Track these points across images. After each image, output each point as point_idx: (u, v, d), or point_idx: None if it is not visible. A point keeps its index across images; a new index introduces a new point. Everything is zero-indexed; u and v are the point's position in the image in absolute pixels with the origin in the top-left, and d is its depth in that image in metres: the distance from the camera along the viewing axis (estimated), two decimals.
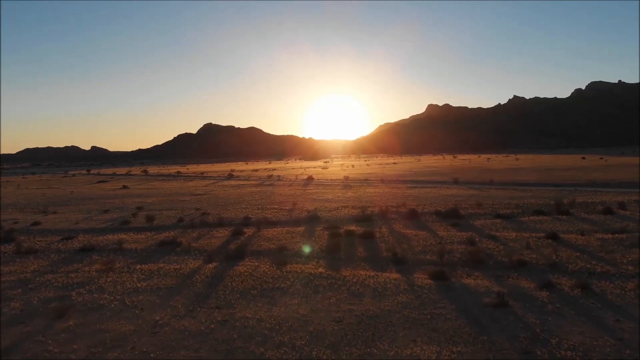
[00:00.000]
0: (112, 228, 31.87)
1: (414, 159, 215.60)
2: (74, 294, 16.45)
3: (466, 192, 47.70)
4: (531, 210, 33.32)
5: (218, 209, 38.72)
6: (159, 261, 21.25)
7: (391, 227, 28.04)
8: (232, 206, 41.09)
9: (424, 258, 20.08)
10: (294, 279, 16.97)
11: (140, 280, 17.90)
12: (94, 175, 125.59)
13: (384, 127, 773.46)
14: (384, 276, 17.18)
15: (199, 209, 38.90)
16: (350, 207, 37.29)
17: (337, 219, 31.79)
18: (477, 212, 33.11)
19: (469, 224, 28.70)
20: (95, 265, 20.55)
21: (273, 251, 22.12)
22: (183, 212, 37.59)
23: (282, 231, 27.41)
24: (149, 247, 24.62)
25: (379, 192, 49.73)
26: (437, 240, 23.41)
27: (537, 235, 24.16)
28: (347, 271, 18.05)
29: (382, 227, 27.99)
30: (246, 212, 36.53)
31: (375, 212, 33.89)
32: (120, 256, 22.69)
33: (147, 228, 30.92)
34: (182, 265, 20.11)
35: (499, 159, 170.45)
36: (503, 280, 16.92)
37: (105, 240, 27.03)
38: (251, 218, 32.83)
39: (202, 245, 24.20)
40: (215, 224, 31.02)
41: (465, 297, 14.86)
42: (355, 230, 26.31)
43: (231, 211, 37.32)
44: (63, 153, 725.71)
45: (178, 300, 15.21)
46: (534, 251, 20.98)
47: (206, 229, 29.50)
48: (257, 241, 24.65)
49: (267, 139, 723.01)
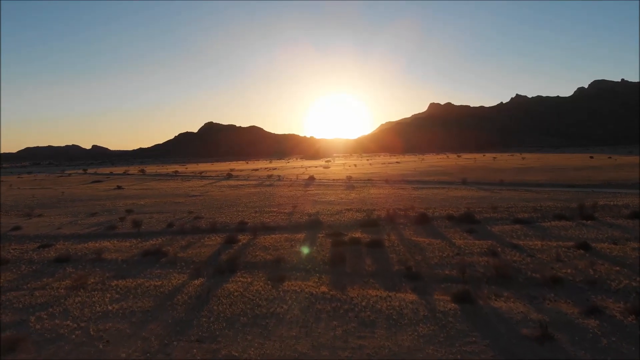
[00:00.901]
0: (95, 234, 29.29)
1: (417, 158, 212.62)
2: (33, 320, 13.89)
3: (477, 193, 45.03)
4: (551, 214, 30.69)
5: (213, 213, 36.12)
6: (139, 275, 18.67)
7: (401, 233, 25.40)
8: (228, 209, 38.49)
9: (442, 273, 17.46)
10: (292, 302, 14.36)
11: (112, 301, 15.32)
12: (90, 175, 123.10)
13: (386, 126, 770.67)
14: (398, 298, 14.57)
15: (192, 212, 36.30)
16: (354, 210, 34.66)
17: (340, 223, 29.17)
18: (493, 216, 30.46)
19: (486, 230, 26.05)
20: (65, 281, 17.96)
21: (269, 263, 19.52)
22: (175, 216, 35.02)
23: (280, 238, 24.79)
24: (131, 257, 22.02)
25: (384, 194, 47.09)
26: (454, 251, 20.77)
27: (565, 245, 21.54)
28: (354, 290, 15.45)
29: (390, 233, 25.35)
30: (242, 215, 33.93)
31: (381, 216, 31.26)
32: (97, 268, 20.12)
33: (133, 234, 28.33)
34: (164, 280, 17.52)
35: (504, 158, 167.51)
36: (539, 302, 14.30)
37: (84, 248, 24.44)
38: (247, 223, 30.22)
39: (191, 256, 21.60)
40: (207, 229, 28.42)
41: (499, 326, 12.24)
42: (362, 238, 23.69)
43: (226, 215, 34.72)
44: (64, 152, 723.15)
45: (152, 330, 12.61)
46: (566, 264, 18.36)
47: (197, 235, 26.88)
48: (252, 251, 22.04)
49: (268, 137, 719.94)
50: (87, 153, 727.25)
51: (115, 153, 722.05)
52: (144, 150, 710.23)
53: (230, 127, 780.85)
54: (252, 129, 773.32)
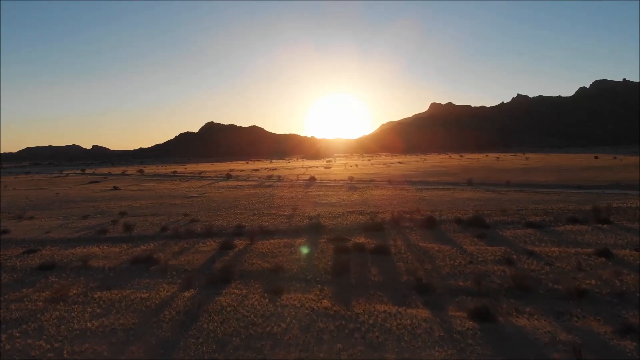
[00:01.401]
0: (85, 238, 27.85)
1: (419, 158, 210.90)
2: (4, 338, 12.47)
3: (483, 194, 43.53)
4: (564, 217, 29.19)
5: (209, 215, 34.66)
6: (126, 286, 17.21)
7: (407, 238, 23.92)
8: (226, 211, 37.03)
9: (455, 284, 15.98)
10: (290, 319, 12.89)
11: (93, 316, 13.87)
12: (88, 175, 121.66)
13: (387, 125, 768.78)
14: (409, 314, 13.10)
15: (187, 215, 34.84)
16: (357, 213, 33.19)
17: (343, 227, 27.70)
18: (504, 219, 28.97)
19: (497, 235, 24.58)
20: (45, 292, 16.51)
21: (266, 272, 18.05)
22: (170, 219, 33.58)
23: (279, 244, 23.33)
24: (120, 265, 20.56)
25: (387, 195, 45.60)
26: (466, 259, 19.28)
27: (585, 252, 20.05)
28: (360, 305, 13.98)
29: (396, 239, 23.87)
30: (240, 218, 32.48)
31: (386, 219, 29.78)
32: (81, 277, 18.68)
33: (124, 239, 26.88)
34: (152, 292, 16.06)
35: (507, 158, 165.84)
36: (566, 319, 12.83)
37: (71, 255, 22.99)
38: (245, 226, 28.75)
39: (183, 263, 20.15)
40: (202, 233, 26.97)
41: (525, 350, 10.76)
42: (366, 244, 22.22)
43: (224, 217, 33.26)
44: (64, 152, 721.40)
45: (133, 353, 11.17)
46: (589, 274, 16.87)
47: (192, 240, 25.43)
48: (248, 258, 20.57)
49: (269, 137, 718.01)
50: (87, 153, 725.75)
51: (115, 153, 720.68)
52: (145, 150, 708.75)
53: (230, 127, 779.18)
54: (252, 129, 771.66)
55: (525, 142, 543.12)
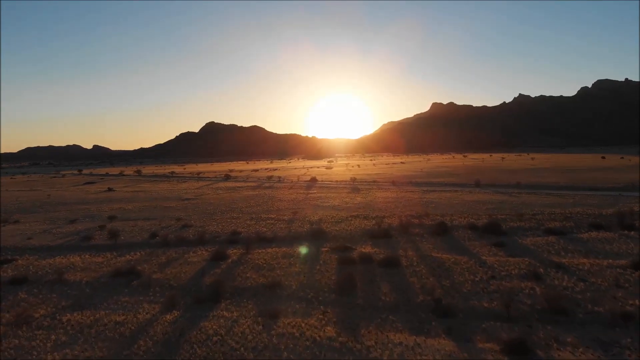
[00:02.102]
0: (67, 246, 25.73)
1: (422, 158, 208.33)
2: None
3: (494, 197, 41.32)
4: (586, 223, 27.02)
5: (203, 220, 32.52)
6: (102, 305, 15.09)
7: (418, 247, 21.76)
8: (222, 215, 34.89)
9: (479, 306, 13.82)
10: (288, 354, 10.73)
11: (56, 346, 11.75)
12: (85, 176, 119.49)
13: (388, 125, 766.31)
14: (430, 347, 10.94)
15: (180, 220, 32.70)
16: (362, 217, 31.03)
17: (347, 234, 25.55)
18: (521, 225, 26.78)
19: (517, 243, 22.41)
20: (7, 314, 14.39)
21: (262, 289, 15.91)
22: (161, 224, 31.44)
23: (277, 253, 21.18)
24: (99, 278, 18.43)
25: (392, 197, 43.40)
26: (487, 273, 17.11)
27: (618, 264, 17.88)
28: (370, 334, 11.81)
29: (406, 248, 21.71)
30: (236, 223, 30.33)
31: (393, 224, 27.61)
32: (54, 294, 16.56)
33: (109, 247, 24.76)
34: (129, 314, 13.93)
35: (512, 158, 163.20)
36: (617, 353, 10.70)
37: (49, 266, 20.87)
38: (241, 233, 26.61)
39: (169, 277, 18.01)
40: (194, 241, 24.83)
41: None
42: (373, 254, 20.06)
43: (218, 222, 31.11)
44: (65, 152, 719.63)
45: None
46: (630, 292, 14.70)
47: (182, 248, 23.29)
48: (242, 271, 18.42)
49: (270, 137, 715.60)
50: (88, 153, 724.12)
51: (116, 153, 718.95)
52: (145, 150, 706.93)
53: (231, 127, 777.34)
54: (253, 129, 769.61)
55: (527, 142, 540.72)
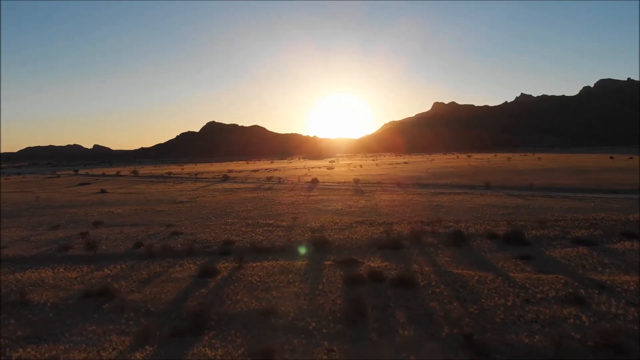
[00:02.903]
0: (43, 257, 23.20)
1: (425, 158, 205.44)
2: None
3: (508, 200, 38.72)
4: (616, 231, 24.45)
5: (195, 226, 29.96)
6: (63, 337, 12.57)
7: (434, 261, 19.18)
8: (216, 220, 32.35)
9: (518, 342, 11.23)
10: None
11: None
12: (81, 176, 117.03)
13: (389, 125, 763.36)
14: None
15: (170, 226, 30.15)
16: (368, 224, 28.46)
17: (352, 243, 22.98)
18: (544, 233, 24.20)
19: (544, 256, 19.82)
20: None
21: (254, 317, 13.33)
22: (149, 231, 28.89)
23: (273, 268, 18.60)
24: (67, 299, 15.88)
25: (398, 200, 40.81)
26: (520, 295, 14.51)
27: None
28: None
29: (421, 261, 19.12)
30: (230, 231, 27.78)
31: (403, 232, 25.03)
32: (12, 319, 14.06)
33: (88, 258, 22.23)
34: (92, 352, 11.38)
35: (518, 158, 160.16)
36: None
37: (15, 282, 18.33)
38: (234, 242, 24.04)
39: (147, 299, 15.44)
40: (182, 251, 22.27)
41: None
42: (384, 270, 17.48)
43: (211, 229, 28.55)
44: (65, 151, 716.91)
45: None
46: None
47: (167, 261, 20.74)
48: (233, 291, 15.85)
49: (271, 137, 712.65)
50: (88, 153, 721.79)
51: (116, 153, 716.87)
52: (146, 150, 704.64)
53: (232, 126, 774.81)
54: (254, 129, 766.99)
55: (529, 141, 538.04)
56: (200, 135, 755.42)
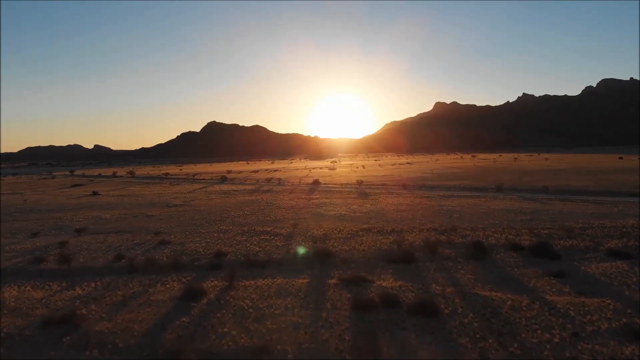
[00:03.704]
0: (12, 270, 20.72)
1: (428, 158, 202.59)
2: None
3: (524, 204, 36.17)
4: None
5: (186, 234, 27.46)
6: None
7: (455, 279, 16.65)
8: (209, 226, 29.85)
9: None
10: None
11: None
12: (77, 177, 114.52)
13: (391, 125, 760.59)
14: None
15: (159, 234, 27.64)
16: (375, 232, 25.94)
17: (359, 256, 20.47)
18: (574, 244, 21.66)
19: (579, 272, 17.29)
20: None
21: (242, 357, 10.83)
22: (134, 239, 26.38)
23: (269, 288, 16.09)
24: (24, 329, 13.38)
25: (406, 204, 38.29)
26: (566, 326, 11.99)
27: None
28: None
29: (440, 280, 16.59)
30: (224, 239, 25.28)
31: (416, 242, 22.52)
32: None
33: (60, 273, 19.74)
34: None
35: (524, 158, 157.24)
36: None
37: None
38: (227, 254, 21.52)
39: (117, 329, 12.93)
40: (167, 266, 19.77)
41: None
42: (398, 291, 14.96)
43: (203, 238, 26.04)
44: (65, 152, 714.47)
45: None
46: None
47: (149, 277, 18.24)
48: (219, 320, 13.33)
49: (272, 137, 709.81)
50: (88, 153, 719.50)
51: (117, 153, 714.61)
52: (146, 150, 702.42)
53: (233, 126, 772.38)
54: (255, 129, 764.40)
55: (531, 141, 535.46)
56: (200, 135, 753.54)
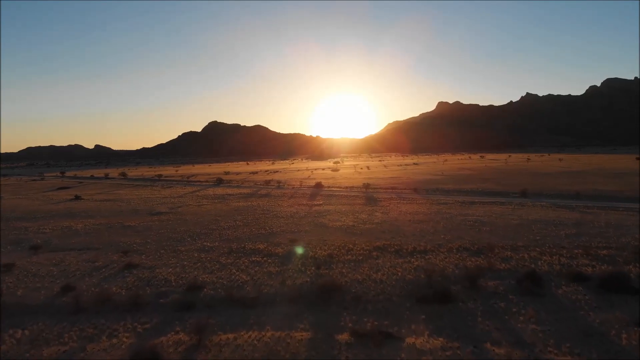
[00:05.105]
0: None
1: (434, 158, 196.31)
2: None
3: (560, 214, 31.21)
4: None
5: (161, 253, 22.59)
6: None
7: (517, 334, 11.77)
8: (190, 243, 24.98)
9: None
10: None
11: None
12: (67, 179, 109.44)
13: (393, 125, 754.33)
14: None
15: (128, 252, 22.78)
16: (393, 252, 21.06)
17: (377, 291, 15.61)
18: None
19: None
20: None
21: None
22: (98, 260, 21.52)
23: (253, 350, 11.26)
24: None
25: (423, 213, 33.34)
26: None
27: None
28: None
29: (497, 336, 11.71)
30: (205, 262, 20.41)
31: (447, 269, 17.62)
32: None
33: None
34: None
35: (537, 159, 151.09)
36: None
37: None
38: (204, 287, 16.62)
39: None
40: (125, 303, 14.91)
41: None
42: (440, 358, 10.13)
43: (180, 259, 21.18)
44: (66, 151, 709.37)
45: None
46: None
47: (95, 323, 13.42)
48: None
49: (274, 137, 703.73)
50: (89, 153, 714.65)
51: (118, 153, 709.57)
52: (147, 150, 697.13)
53: (234, 126, 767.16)
54: (256, 128, 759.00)
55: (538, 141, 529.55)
56: (202, 135, 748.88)
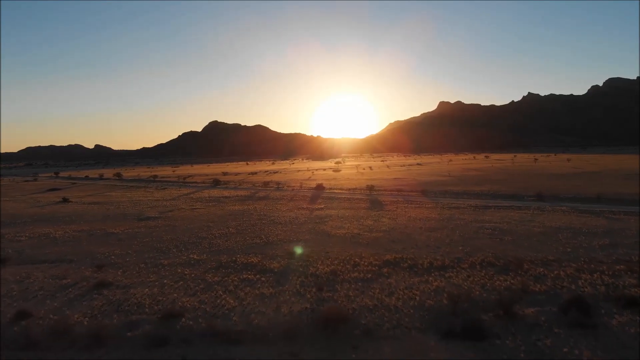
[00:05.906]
0: None
1: (438, 158, 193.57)
2: None
3: (586, 220, 28.41)
4: None
5: (140, 267, 19.78)
6: None
7: None
8: (175, 255, 22.18)
9: None
10: None
11: None
12: (60, 180, 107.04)
13: (394, 125, 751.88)
14: None
15: (103, 267, 19.97)
16: (407, 267, 18.26)
17: (392, 321, 12.83)
18: None
19: None
20: None
21: None
22: (67, 276, 18.72)
23: None
24: None
25: (435, 219, 30.52)
26: None
27: None
28: None
29: None
30: (188, 280, 17.59)
31: (474, 290, 14.83)
32: None
33: None
34: None
35: (544, 159, 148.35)
36: None
37: None
38: (183, 314, 13.80)
39: None
40: (85, 337, 12.10)
41: None
42: None
43: (161, 275, 18.38)
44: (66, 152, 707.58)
45: None
46: None
47: None
48: None
49: (274, 137, 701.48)
50: (89, 153, 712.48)
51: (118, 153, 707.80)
52: (147, 150, 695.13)
53: (235, 126, 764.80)
54: (257, 128, 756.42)
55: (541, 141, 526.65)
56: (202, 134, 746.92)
